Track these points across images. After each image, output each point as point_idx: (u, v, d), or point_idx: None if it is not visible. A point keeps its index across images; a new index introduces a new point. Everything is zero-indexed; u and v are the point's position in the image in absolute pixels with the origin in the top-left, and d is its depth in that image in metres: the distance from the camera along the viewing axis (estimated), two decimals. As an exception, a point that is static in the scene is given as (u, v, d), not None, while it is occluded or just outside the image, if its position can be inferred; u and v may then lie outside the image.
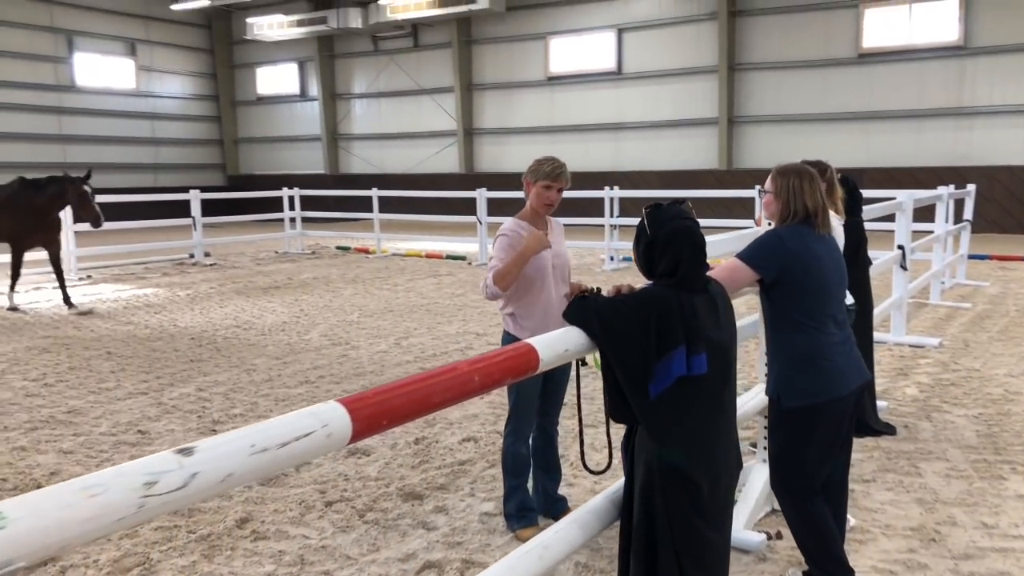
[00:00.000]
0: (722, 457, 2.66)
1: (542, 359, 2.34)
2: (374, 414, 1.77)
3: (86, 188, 10.64)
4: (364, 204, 19.31)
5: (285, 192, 18.90)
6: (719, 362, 2.61)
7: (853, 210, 5.54)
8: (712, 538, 2.64)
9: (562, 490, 4.36)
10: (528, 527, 4.00)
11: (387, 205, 21.17)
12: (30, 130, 26.35)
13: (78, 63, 27.74)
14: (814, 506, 3.32)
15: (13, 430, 5.75)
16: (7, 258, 11.15)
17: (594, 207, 16.15)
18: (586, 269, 14.69)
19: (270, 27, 28.41)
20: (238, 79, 32.40)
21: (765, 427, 3.96)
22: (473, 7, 24.75)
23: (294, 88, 31.14)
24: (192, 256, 16.73)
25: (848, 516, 4.11)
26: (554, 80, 26.04)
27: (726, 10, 22.69)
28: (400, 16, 25.94)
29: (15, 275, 11.04)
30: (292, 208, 18.96)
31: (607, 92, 25.24)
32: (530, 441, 4.15)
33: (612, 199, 15.46)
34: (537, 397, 3.99)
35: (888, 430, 5.59)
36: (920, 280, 9.75)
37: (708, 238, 3.80)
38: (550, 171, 3.87)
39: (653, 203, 2.74)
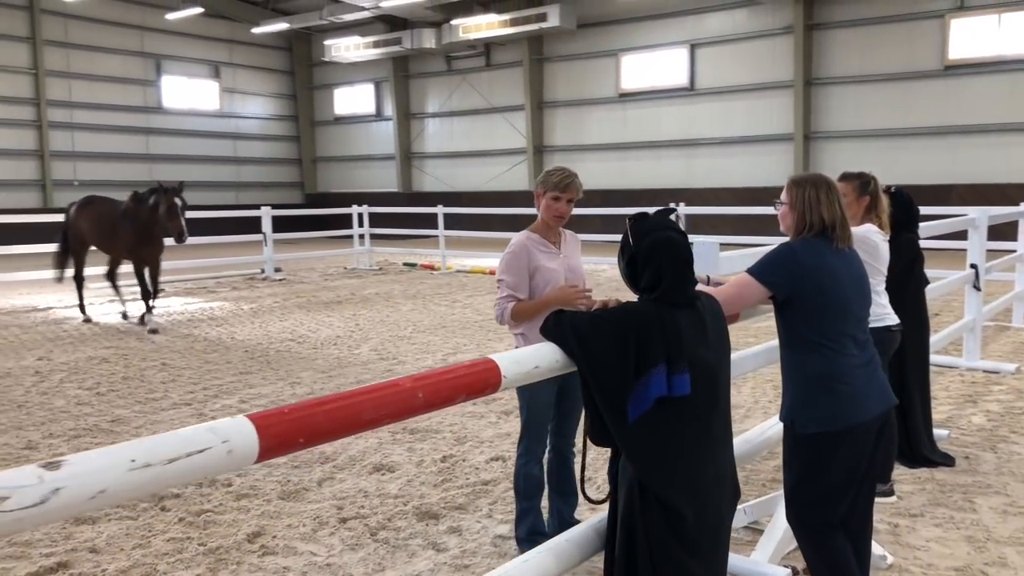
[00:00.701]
0: (711, 486, 2.47)
1: (505, 376, 2.21)
2: (287, 431, 1.67)
3: (177, 200, 10.32)
4: (434, 221, 19.44)
5: (355, 209, 19.19)
6: (705, 383, 2.42)
7: (908, 225, 5.22)
8: (698, 572, 2.44)
9: (581, 515, 4.18)
10: None
11: (457, 222, 21.33)
12: (120, 150, 27.55)
13: (165, 86, 28.92)
14: (832, 541, 3.07)
15: (57, 437, 5.90)
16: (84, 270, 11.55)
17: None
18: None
19: (347, 49, 29.07)
20: (317, 100, 33.23)
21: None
22: (544, 25, 24.82)
23: (370, 108, 31.75)
24: (263, 271, 17.11)
25: (885, 552, 3.82)
26: (625, 97, 25.82)
27: (803, 24, 22.11)
28: (472, 36, 26.19)
29: (144, 291, 10.74)
30: (361, 225, 19.23)
31: (679, 108, 24.88)
32: (544, 462, 3.99)
33: (679, 216, 15.14)
34: (550, 416, 3.83)
35: (946, 461, 5.22)
36: (1000, 302, 9.19)
37: (731, 253, 3.63)
38: (558, 181, 3.73)
39: (638, 213, 2.58)
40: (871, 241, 4.41)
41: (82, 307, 11.51)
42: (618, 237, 3.40)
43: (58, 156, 26.27)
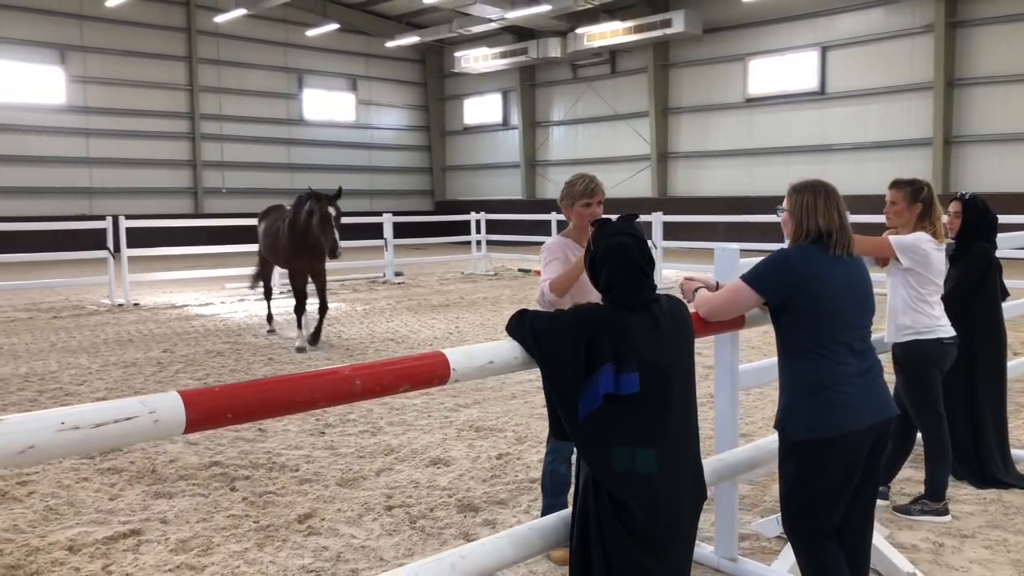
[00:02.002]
0: (665, 485, 2.53)
1: (455, 369, 2.37)
2: (216, 407, 1.90)
3: (330, 210, 9.19)
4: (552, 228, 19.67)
5: (472, 216, 19.72)
6: (656, 383, 2.50)
7: (983, 234, 4.98)
8: (653, 568, 2.51)
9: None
10: (561, 548, 3.94)
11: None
12: (264, 159, 29.37)
13: (306, 99, 30.61)
14: (824, 551, 3.04)
15: (160, 421, 6.49)
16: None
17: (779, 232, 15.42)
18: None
19: (476, 60, 29.84)
20: (447, 110, 34.24)
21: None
22: (668, 31, 24.62)
23: (497, 117, 32.42)
24: (384, 275, 17.88)
25: (916, 571, 3.70)
26: (753, 102, 25.22)
27: (943, 22, 20.93)
28: (597, 44, 26.31)
29: (297, 306, 9.91)
30: (479, 232, 19.74)
31: (809, 113, 24.07)
32: (573, 461, 4.10)
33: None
34: None
35: (1019, 483, 4.93)
36: None
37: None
38: (584, 188, 3.86)
39: (602, 218, 2.69)
40: (921, 250, 4.27)
41: (269, 317, 11.10)
42: (742, 245, 3.51)
43: (209, 166, 28.32)
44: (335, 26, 28.59)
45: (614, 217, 2.70)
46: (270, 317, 11.17)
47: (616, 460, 2.49)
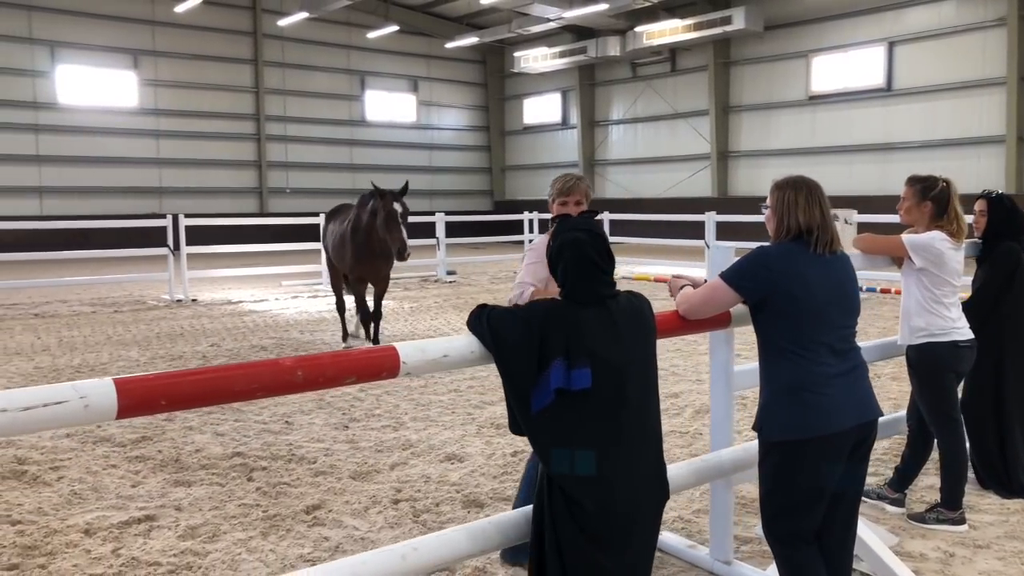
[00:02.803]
0: (619, 481, 2.51)
1: (405, 363, 2.40)
2: (150, 394, 1.97)
3: (396, 206, 8.30)
4: (618, 227, 19.65)
5: (525, 216, 19.76)
6: (610, 380, 2.48)
7: (1011, 233, 4.79)
8: (607, 566, 2.50)
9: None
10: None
11: (637, 228, 21.26)
12: (327, 160, 29.93)
13: (368, 100, 31.09)
14: (802, 556, 2.98)
15: (194, 411, 6.69)
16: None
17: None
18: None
19: (535, 60, 29.86)
20: (507, 110, 34.36)
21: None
22: (728, 29, 24.23)
23: (556, 117, 32.39)
24: (436, 274, 18.06)
25: (916, 581, 3.59)
26: (815, 99, 24.64)
27: (1017, 14, 20.09)
28: (656, 42, 26.05)
29: (361, 316, 9.41)
30: (532, 231, 19.76)
31: (874, 110, 23.39)
32: None
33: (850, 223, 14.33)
34: None
35: (1049, 494, 4.72)
36: None
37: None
38: (561, 187, 3.84)
39: (561, 215, 2.69)
40: (934, 249, 4.14)
41: (344, 333, 9.87)
42: None
43: (273, 166, 29.00)
44: (395, 28, 28.95)
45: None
46: (346, 334, 9.82)
47: (568, 454, 2.48)
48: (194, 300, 14.19)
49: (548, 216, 13.94)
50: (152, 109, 26.46)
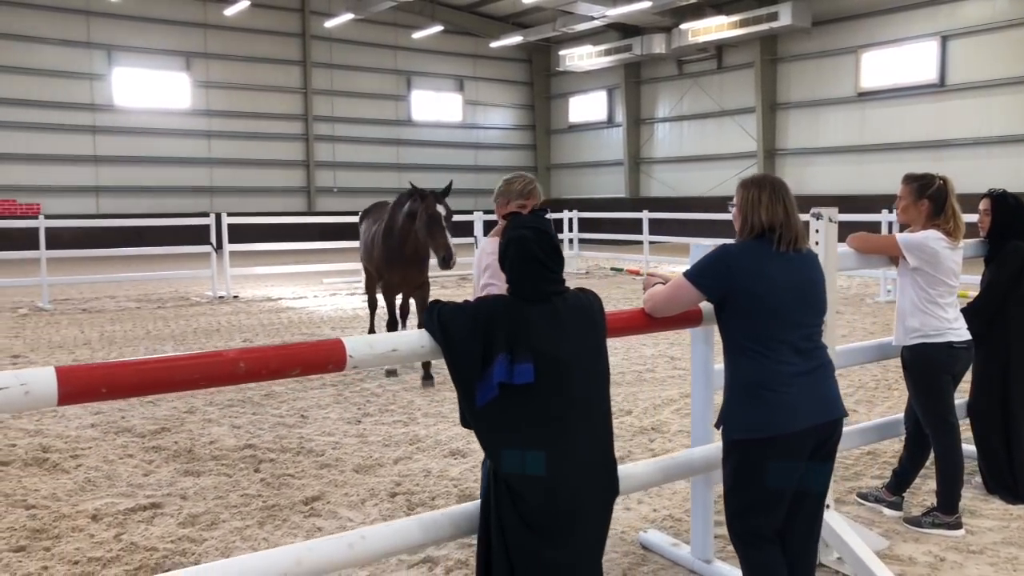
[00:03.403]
0: (567, 477, 2.54)
1: (351, 356, 2.47)
2: (90, 382, 2.07)
3: (439, 208, 7.37)
4: (664, 227, 19.53)
5: (565, 214, 19.76)
6: (553, 375, 2.52)
7: (1016, 233, 4.67)
8: (553, 559, 2.53)
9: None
10: None
11: (678, 227, 21.06)
12: (373, 159, 30.32)
13: (414, 100, 31.40)
14: (763, 555, 2.97)
15: (215, 404, 6.88)
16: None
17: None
18: (856, 300, 13.57)
19: (580, 58, 29.83)
20: (553, 109, 34.36)
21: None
22: (775, 25, 23.87)
23: (602, 115, 32.28)
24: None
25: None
26: (865, 96, 24.12)
27: (1076, 6, 19.41)
28: (702, 39, 25.81)
29: (390, 324, 8.49)
30: (571, 230, 19.76)
31: (926, 107, 22.81)
32: None
33: (889, 223, 14.03)
34: None
35: (1058, 499, 4.60)
36: None
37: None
38: (522, 189, 3.77)
39: (512, 212, 2.73)
40: (928, 249, 4.07)
41: (371, 331, 9.10)
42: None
43: (321, 166, 29.49)
44: (440, 28, 29.18)
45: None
46: (373, 331, 8.83)
47: (512, 449, 2.53)
48: (235, 297, 14.53)
49: (587, 215, 13.34)
50: (204, 110, 27.13)
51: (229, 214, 15.54)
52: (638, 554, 4.02)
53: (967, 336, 4.16)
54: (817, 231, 3.74)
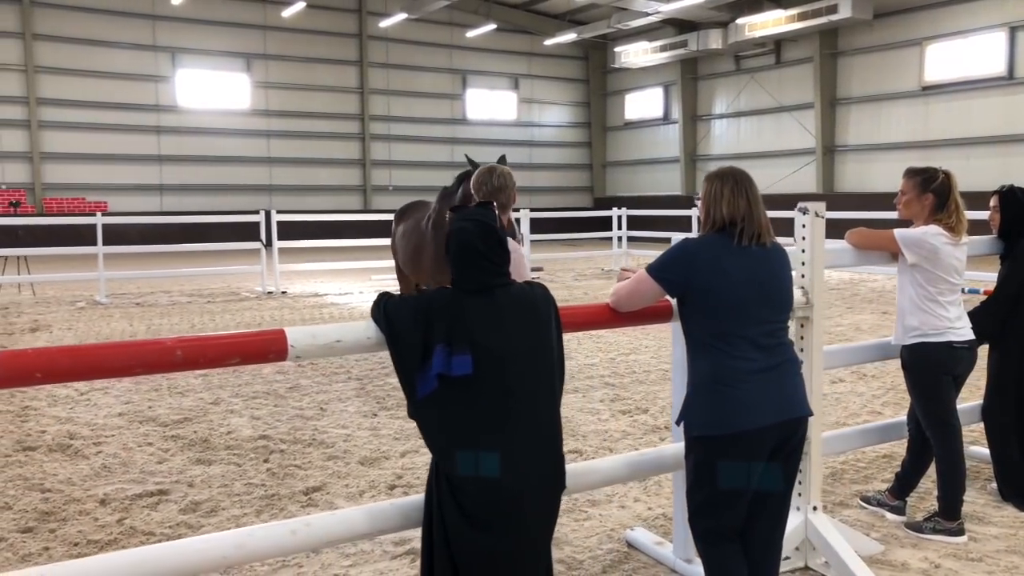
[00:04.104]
0: (505, 469, 2.54)
1: (293, 347, 2.51)
2: (24, 367, 2.15)
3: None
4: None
5: (614, 212, 19.63)
6: (493, 368, 2.51)
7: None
8: (490, 549, 2.53)
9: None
10: None
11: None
12: (428, 158, 30.61)
13: (469, 98, 31.58)
14: (722, 553, 2.92)
15: (240, 396, 7.05)
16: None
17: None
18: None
19: (635, 54, 29.61)
20: (609, 106, 34.17)
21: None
22: (834, 18, 23.27)
23: (658, 112, 31.97)
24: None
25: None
26: (929, 90, 23.35)
27: None
28: (759, 34, 25.34)
29: None
30: (620, 228, 19.63)
31: (994, 100, 21.96)
32: None
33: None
34: None
35: (1074, 507, 4.39)
36: None
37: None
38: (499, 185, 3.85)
39: (458, 205, 2.74)
40: (927, 245, 3.94)
41: None
42: None
43: (377, 164, 29.91)
44: (493, 27, 29.30)
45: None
46: None
47: (452, 440, 2.54)
48: (283, 292, 14.85)
49: (636, 212, 12.77)
50: (263, 110, 27.77)
51: (278, 211, 15.89)
52: (622, 552, 3.99)
53: (969, 336, 4.01)
54: (804, 226, 3.65)
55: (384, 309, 2.63)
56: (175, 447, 5.66)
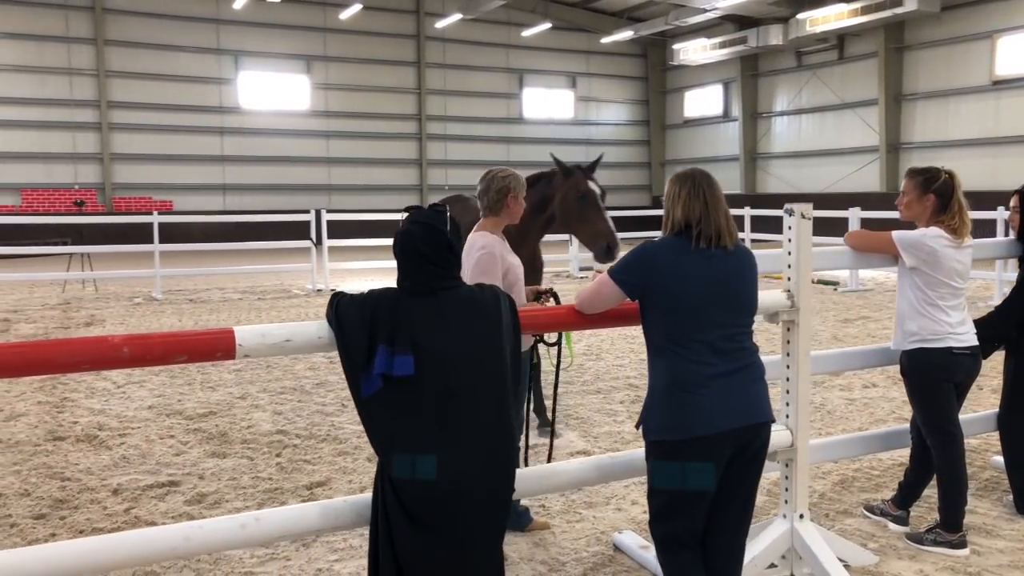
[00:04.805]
0: (449, 471, 2.54)
1: (241, 345, 2.57)
2: (-30, 361, 2.26)
3: (593, 186, 5.45)
4: (764, 224, 18.93)
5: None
6: (436, 369, 2.52)
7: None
8: (431, 550, 2.55)
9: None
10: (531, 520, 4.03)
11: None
12: (484, 157, 30.66)
13: (526, 97, 31.60)
14: (680, 560, 2.88)
15: (267, 392, 7.21)
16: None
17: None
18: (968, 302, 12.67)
19: (694, 51, 29.20)
20: (668, 104, 33.77)
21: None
22: (899, 10, 22.53)
23: (717, 109, 31.47)
24: (569, 270, 18.17)
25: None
26: (1001, 84, 22.43)
27: None
28: (820, 28, 24.72)
29: None
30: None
31: (1070, 95, 21.00)
32: None
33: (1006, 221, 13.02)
34: None
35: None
36: None
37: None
38: (524, 181, 3.89)
39: (410, 206, 2.76)
40: (926, 247, 3.81)
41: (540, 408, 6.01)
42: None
43: (433, 164, 30.16)
44: (548, 25, 29.25)
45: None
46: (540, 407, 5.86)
47: (395, 440, 2.56)
48: (332, 290, 15.11)
49: None
50: (323, 111, 28.27)
51: (336, 211, 16.16)
52: (607, 555, 3.96)
53: (972, 342, 3.86)
54: (790, 228, 3.57)
55: (336, 309, 2.67)
56: (194, 440, 5.83)
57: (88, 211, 22.63)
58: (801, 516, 3.63)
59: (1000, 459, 4.86)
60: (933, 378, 3.86)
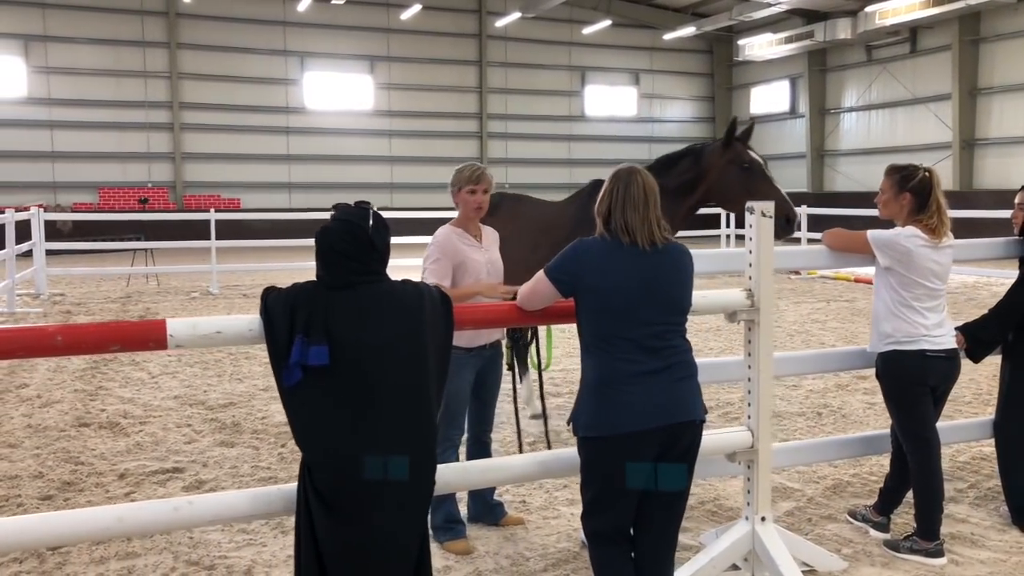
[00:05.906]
0: (362, 460, 2.61)
1: (172, 336, 2.68)
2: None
3: (753, 154, 5.09)
4: (832, 223, 18.47)
5: (721, 209, 19.12)
6: (353, 361, 2.59)
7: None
8: (351, 538, 2.62)
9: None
10: (456, 539, 3.99)
11: (846, 224, 19.77)
12: (545, 156, 30.75)
13: (588, 95, 31.49)
14: (608, 555, 2.89)
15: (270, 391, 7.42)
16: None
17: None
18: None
19: (760, 47, 28.63)
20: (734, 100, 33.16)
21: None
22: (974, 1, 21.64)
23: (784, 106, 30.78)
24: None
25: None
26: (1083, 77, 21.36)
27: None
28: (891, 21, 23.94)
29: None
30: (728, 226, 19.14)
31: None
32: (463, 449, 4.16)
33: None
34: (466, 404, 4.02)
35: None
36: None
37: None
38: (470, 175, 3.94)
39: (338, 203, 2.83)
40: (900, 247, 3.71)
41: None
42: None
43: (494, 163, 30.27)
44: (609, 22, 29.08)
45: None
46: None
47: (314, 430, 2.64)
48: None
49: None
50: (385, 111, 28.74)
51: (398, 208, 16.42)
52: (572, 551, 3.97)
53: (948, 345, 3.73)
54: (750, 226, 3.52)
55: (265, 303, 2.77)
56: (207, 429, 6.04)
57: (152, 208, 23.51)
58: (763, 519, 3.58)
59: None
60: (906, 382, 3.75)
